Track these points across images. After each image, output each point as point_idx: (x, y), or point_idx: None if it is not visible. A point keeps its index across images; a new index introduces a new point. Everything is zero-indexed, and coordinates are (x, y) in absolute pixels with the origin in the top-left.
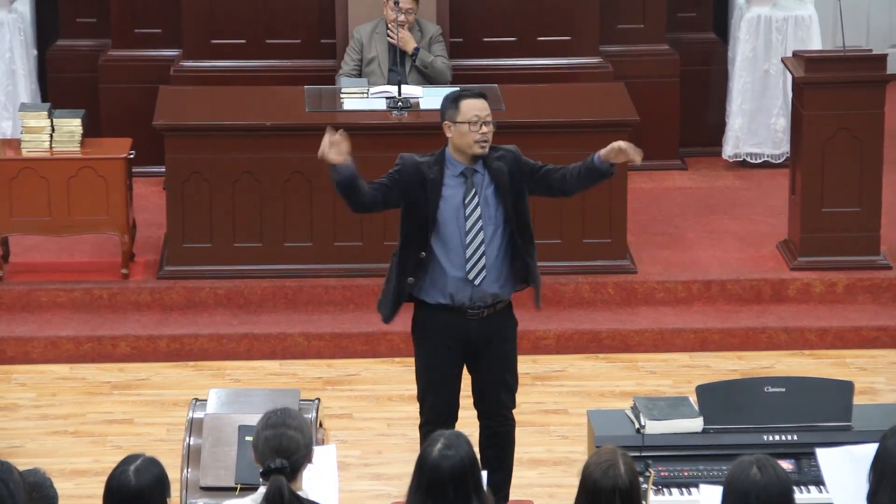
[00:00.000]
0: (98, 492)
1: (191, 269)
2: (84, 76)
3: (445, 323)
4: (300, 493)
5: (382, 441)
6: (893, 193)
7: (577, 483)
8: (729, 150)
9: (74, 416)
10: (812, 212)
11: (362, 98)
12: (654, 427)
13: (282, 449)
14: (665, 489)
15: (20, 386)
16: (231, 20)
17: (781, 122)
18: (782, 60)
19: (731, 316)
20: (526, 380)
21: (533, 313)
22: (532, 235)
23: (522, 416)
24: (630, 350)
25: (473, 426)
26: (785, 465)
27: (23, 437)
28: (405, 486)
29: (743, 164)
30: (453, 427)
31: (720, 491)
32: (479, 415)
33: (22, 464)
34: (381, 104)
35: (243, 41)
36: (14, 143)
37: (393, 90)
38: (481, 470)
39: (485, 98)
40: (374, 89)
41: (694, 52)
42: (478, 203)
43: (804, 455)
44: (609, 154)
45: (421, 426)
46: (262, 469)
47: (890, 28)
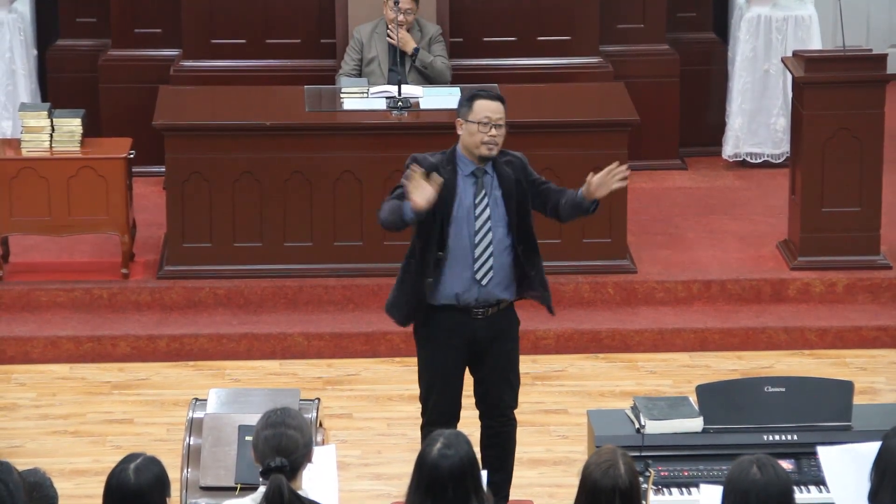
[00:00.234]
0: (98, 492)
1: (191, 268)
2: (84, 76)
3: (451, 323)
4: (300, 492)
5: (382, 441)
6: (893, 193)
7: (577, 483)
8: (729, 149)
9: (74, 416)
10: (812, 212)
11: (362, 98)
12: (654, 427)
13: (281, 448)
14: (665, 489)
15: (20, 386)
16: (231, 20)
17: (781, 122)
18: (782, 60)
19: (731, 316)
20: (526, 379)
21: (533, 313)
22: (535, 245)
23: (522, 416)
24: (630, 350)
25: (474, 426)
26: (785, 465)
27: (23, 436)
28: (405, 485)
29: (743, 164)
30: (454, 428)
31: (720, 490)
32: (481, 414)
33: (22, 463)
34: (381, 104)
35: (243, 41)
36: (14, 143)
37: (393, 90)
38: (481, 470)
39: (501, 101)
40: (374, 89)
41: (694, 51)
42: (487, 204)
43: (804, 455)
44: (587, 191)
45: (423, 427)
46: (261, 468)
47: (890, 28)
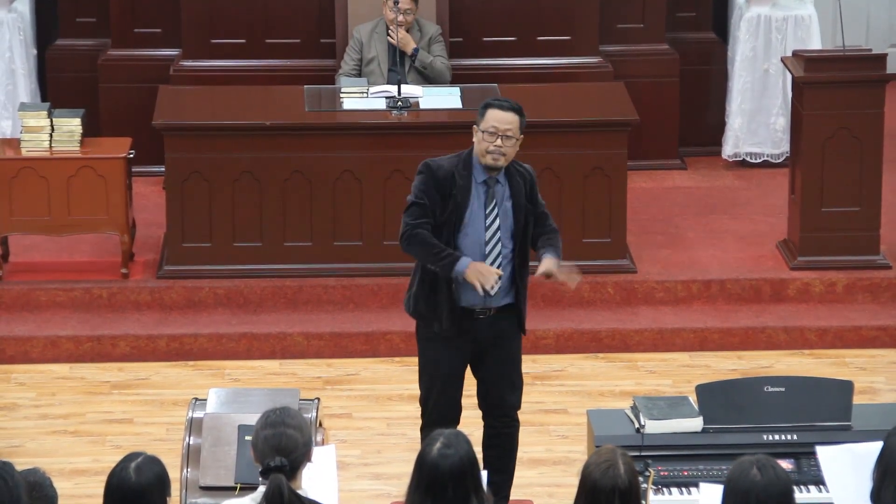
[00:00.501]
0: (97, 491)
1: (190, 268)
2: (84, 76)
3: (454, 325)
4: (300, 491)
5: (382, 440)
6: (893, 193)
7: (577, 483)
8: (729, 149)
9: (74, 416)
10: (812, 211)
11: (362, 98)
12: (653, 427)
13: (281, 448)
14: (665, 489)
15: (20, 385)
16: (231, 20)
17: (781, 122)
18: (782, 60)
19: (731, 315)
20: (526, 379)
21: (532, 313)
22: (527, 260)
23: (522, 416)
24: (630, 350)
25: (475, 426)
26: (784, 465)
27: (22, 436)
28: (405, 485)
29: (742, 164)
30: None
31: (720, 490)
32: (484, 414)
33: (21, 463)
34: (381, 104)
35: (243, 41)
36: (14, 143)
37: (393, 90)
38: (481, 470)
39: (516, 112)
40: (373, 89)
41: (694, 51)
42: (497, 214)
43: (804, 455)
44: (541, 265)
45: (422, 428)
46: (261, 468)
47: (889, 27)
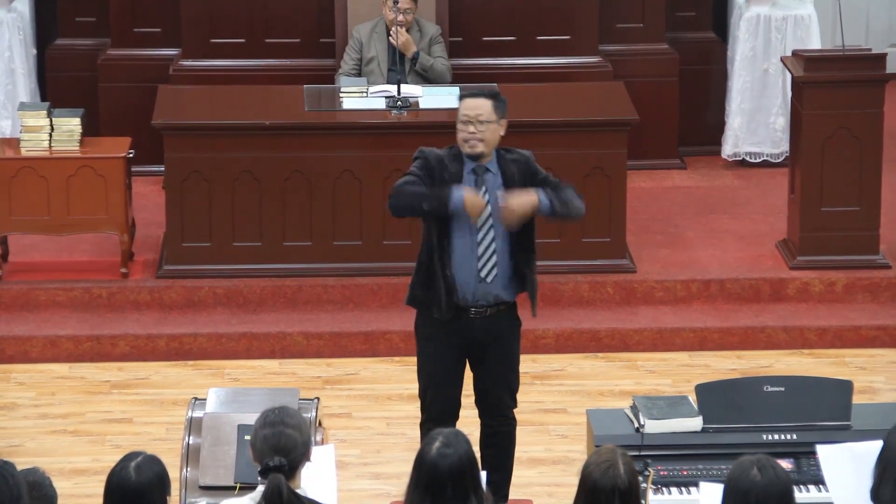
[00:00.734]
0: (97, 491)
1: (190, 268)
2: (83, 75)
3: (449, 321)
4: (299, 491)
5: (381, 440)
6: (892, 193)
7: (576, 482)
8: (728, 149)
9: (73, 416)
10: (811, 211)
11: (361, 97)
12: (653, 426)
13: (280, 447)
14: (664, 488)
15: (19, 385)
16: (230, 19)
17: (781, 122)
18: (781, 60)
19: (731, 315)
20: (525, 379)
21: (530, 312)
22: (532, 246)
23: (522, 416)
24: (629, 349)
25: (474, 425)
26: (784, 465)
27: (22, 436)
28: (404, 484)
29: (742, 164)
30: (454, 426)
31: (720, 489)
32: (480, 414)
33: (21, 463)
34: (381, 103)
35: (242, 40)
36: (13, 143)
37: (392, 89)
38: (480, 469)
39: (487, 97)
40: (373, 88)
41: (693, 51)
42: (488, 201)
43: (803, 454)
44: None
45: (422, 424)
46: (260, 468)
47: (889, 27)
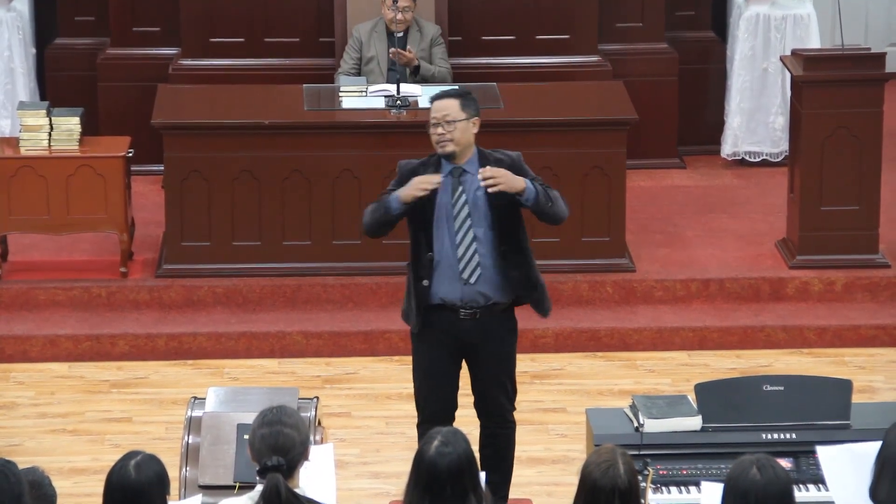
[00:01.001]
0: (97, 490)
1: (189, 267)
2: (83, 74)
3: (440, 322)
4: (297, 490)
5: (381, 439)
6: (892, 192)
7: (576, 482)
8: (727, 148)
9: (73, 415)
10: (811, 210)
11: (361, 96)
12: (652, 425)
13: (278, 446)
14: (664, 487)
15: (19, 384)
16: (230, 19)
17: (780, 121)
18: (781, 59)
19: (730, 314)
20: (525, 378)
21: (531, 311)
22: (520, 245)
23: (521, 415)
24: (629, 348)
25: (473, 425)
26: (784, 464)
27: (21, 435)
28: (403, 484)
29: (741, 163)
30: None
31: (721, 488)
32: (479, 416)
33: (21, 462)
34: (380, 103)
35: (242, 40)
36: (13, 142)
37: (392, 89)
38: (479, 469)
39: (453, 97)
40: (372, 88)
41: (693, 50)
42: (465, 202)
43: (803, 454)
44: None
45: (418, 425)
46: (258, 467)
47: (888, 27)
